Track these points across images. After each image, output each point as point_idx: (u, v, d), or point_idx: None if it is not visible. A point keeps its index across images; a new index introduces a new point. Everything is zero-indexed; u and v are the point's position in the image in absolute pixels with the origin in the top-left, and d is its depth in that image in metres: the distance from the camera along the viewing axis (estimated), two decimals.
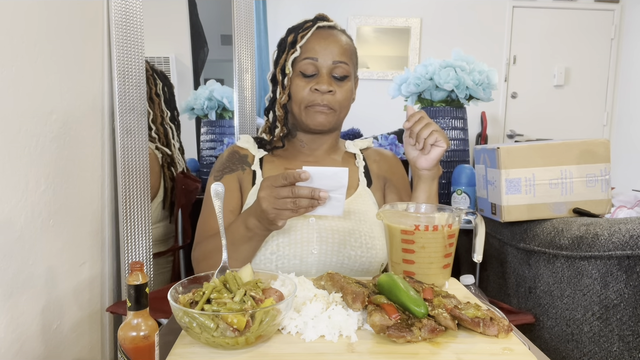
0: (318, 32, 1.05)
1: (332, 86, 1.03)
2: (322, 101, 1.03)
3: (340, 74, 1.04)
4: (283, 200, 0.82)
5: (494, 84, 1.70)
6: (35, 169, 0.92)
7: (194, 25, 2.24)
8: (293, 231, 0.99)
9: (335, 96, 1.03)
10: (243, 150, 1.13)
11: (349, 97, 1.08)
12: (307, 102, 1.04)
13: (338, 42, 1.05)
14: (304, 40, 1.04)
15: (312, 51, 1.03)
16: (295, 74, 1.04)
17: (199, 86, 2.13)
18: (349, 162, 1.15)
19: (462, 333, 0.67)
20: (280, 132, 1.11)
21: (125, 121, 1.21)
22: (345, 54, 1.05)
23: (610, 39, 4.01)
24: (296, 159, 1.12)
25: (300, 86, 1.04)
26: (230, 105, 1.97)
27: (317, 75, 1.03)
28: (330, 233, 1.00)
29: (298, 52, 1.03)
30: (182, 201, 1.65)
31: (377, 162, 1.17)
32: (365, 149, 1.20)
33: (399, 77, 1.82)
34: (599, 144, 1.25)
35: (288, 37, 1.07)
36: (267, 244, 0.98)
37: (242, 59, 1.68)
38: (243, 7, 1.67)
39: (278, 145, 1.12)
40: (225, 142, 2.00)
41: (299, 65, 1.04)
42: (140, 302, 0.59)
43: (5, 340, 0.84)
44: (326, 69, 1.03)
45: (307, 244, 0.98)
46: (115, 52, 1.19)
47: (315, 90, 1.02)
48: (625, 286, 1.00)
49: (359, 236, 1.01)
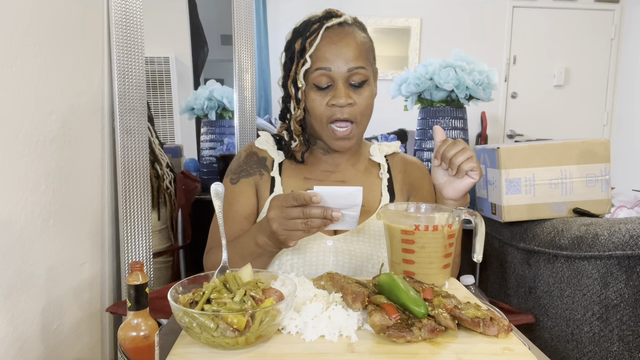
0: (327, 34, 0.94)
1: (351, 97, 0.93)
2: (343, 115, 0.93)
3: (358, 81, 0.94)
4: (294, 222, 0.78)
5: (494, 84, 1.70)
6: (35, 169, 0.92)
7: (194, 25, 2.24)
8: (309, 252, 0.94)
9: (356, 107, 0.94)
10: (262, 152, 1.05)
11: (370, 103, 0.98)
12: (327, 119, 0.95)
13: (351, 44, 0.93)
14: (313, 48, 0.93)
15: (324, 60, 0.92)
16: (309, 86, 0.94)
17: (199, 86, 2.13)
18: (372, 173, 1.07)
19: (462, 333, 0.67)
20: (298, 148, 1.04)
21: (125, 121, 1.21)
22: (360, 56, 0.94)
23: (610, 39, 4.01)
24: (317, 168, 1.05)
25: (317, 101, 0.94)
26: (230, 105, 1.97)
27: (332, 86, 0.94)
28: (348, 257, 0.95)
29: (309, 64, 0.93)
30: (182, 201, 1.65)
31: (403, 173, 1.08)
32: (391, 156, 1.10)
33: (399, 77, 1.82)
34: (599, 144, 1.25)
35: (295, 42, 0.96)
36: (281, 262, 0.94)
37: (242, 59, 1.68)
38: (243, 7, 1.67)
39: (298, 160, 1.04)
40: (225, 142, 2.00)
41: (311, 77, 0.93)
42: (140, 302, 0.59)
43: (5, 340, 0.84)
44: (342, 79, 0.93)
45: (322, 266, 0.94)
46: (115, 52, 1.19)
47: (333, 105, 0.93)
48: (625, 286, 1.00)
49: (376, 262, 0.96)
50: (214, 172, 2.03)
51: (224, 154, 1.96)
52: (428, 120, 1.78)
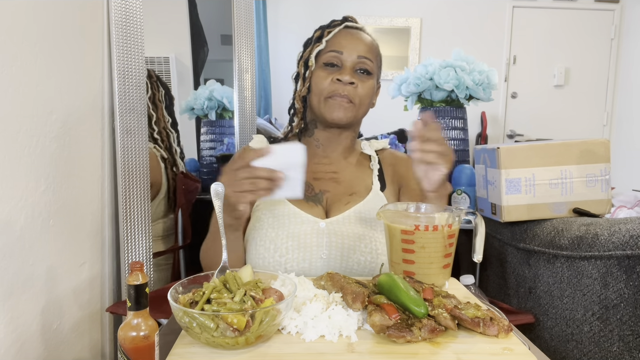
0: (345, 29, 1.06)
1: (355, 78, 1.02)
2: (343, 92, 1.01)
3: (364, 68, 1.03)
4: (240, 182, 0.81)
5: (494, 84, 1.70)
6: (35, 169, 0.92)
7: (194, 25, 2.24)
8: (303, 235, 0.98)
9: (357, 89, 1.02)
10: None
11: (370, 95, 1.06)
12: (327, 93, 1.02)
13: (364, 40, 1.05)
14: (331, 35, 1.04)
15: (338, 45, 1.03)
16: (319, 65, 1.04)
17: (199, 86, 2.13)
18: (363, 165, 1.13)
19: (462, 333, 0.67)
20: (297, 127, 1.10)
21: (125, 121, 1.21)
22: (370, 52, 1.05)
23: (610, 39, 4.01)
24: (310, 160, 1.08)
25: (322, 77, 1.03)
26: (230, 105, 1.97)
27: (340, 68, 1.03)
28: (340, 238, 0.99)
29: (323, 45, 1.03)
30: (182, 201, 1.65)
31: (393, 166, 1.14)
32: (381, 150, 1.18)
33: (399, 77, 1.82)
34: (599, 144, 1.25)
35: (315, 34, 1.08)
36: (276, 246, 0.97)
37: (242, 59, 1.68)
38: (243, 7, 1.67)
39: (294, 140, 1.10)
40: (225, 142, 2.00)
41: (323, 57, 1.04)
42: (140, 302, 0.59)
43: (5, 340, 0.84)
44: (350, 63, 1.02)
45: (317, 248, 0.98)
46: (115, 52, 1.19)
47: (337, 81, 1.01)
48: (625, 286, 1.00)
49: (369, 242, 1.00)
50: (213, 172, 2.03)
51: (224, 154, 1.96)
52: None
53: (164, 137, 1.66)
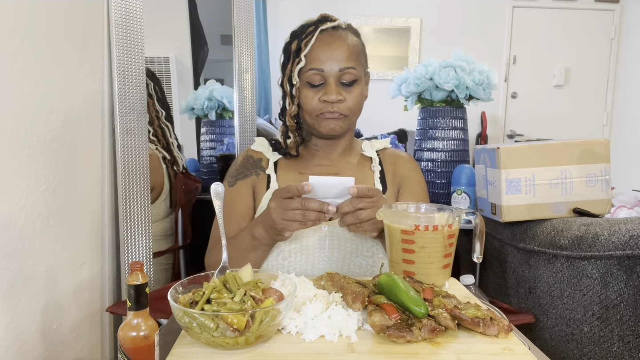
0: (322, 36, 1.01)
1: (341, 94, 1.00)
2: (332, 108, 1.00)
3: (348, 80, 1.01)
4: (292, 212, 0.83)
5: (494, 84, 1.70)
6: (35, 169, 0.92)
7: (194, 25, 2.23)
8: (305, 237, 0.99)
9: (346, 103, 1.01)
10: (257, 154, 1.12)
11: (359, 101, 1.05)
12: (317, 112, 1.01)
13: (343, 47, 1.00)
14: (308, 49, 1.00)
15: (318, 61, 0.99)
16: (303, 83, 1.02)
17: (199, 86, 2.13)
18: (364, 166, 1.12)
19: (462, 333, 0.67)
20: (294, 142, 1.09)
21: (125, 121, 1.21)
22: (351, 58, 1.01)
23: (610, 39, 4.01)
24: (311, 162, 1.10)
25: (309, 97, 1.01)
26: (230, 105, 1.97)
27: (324, 84, 1.00)
28: (343, 241, 1.00)
29: (303, 63, 1.00)
30: (182, 201, 1.65)
31: (394, 165, 1.14)
32: (382, 150, 1.17)
33: (399, 77, 1.82)
34: (599, 144, 1.25)
35: (292, 43, 1.03)
36: (279, 249, 0.99)
37: (242, 59, 1.68)
38: (243, 7, 1.67)
39: (293, 154, 1.10)
40: (225, 142, 2.00)
41: (305, 75, 1.01)
42: (140, 302, 0.59)
43: (5, 340, 0.84)
44: (333, 78, 1.00)
45: (319, 251, 0.99)
46: (115, 52, 1.19)
47: (324, 101, 1.00)
48: (625, 286, 1.00)
49: (371, 245, 1.01)
50: (214, 172, 2.03)
51: (224, 154, 1.96)
52: (428, 120, 1.78)
53: (159, 136, 1.65)
